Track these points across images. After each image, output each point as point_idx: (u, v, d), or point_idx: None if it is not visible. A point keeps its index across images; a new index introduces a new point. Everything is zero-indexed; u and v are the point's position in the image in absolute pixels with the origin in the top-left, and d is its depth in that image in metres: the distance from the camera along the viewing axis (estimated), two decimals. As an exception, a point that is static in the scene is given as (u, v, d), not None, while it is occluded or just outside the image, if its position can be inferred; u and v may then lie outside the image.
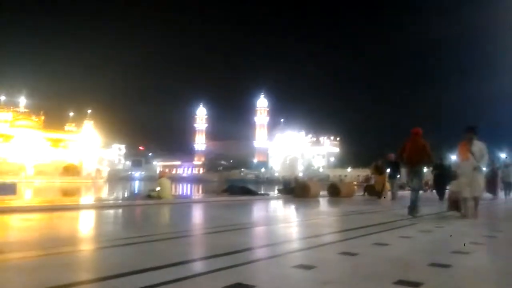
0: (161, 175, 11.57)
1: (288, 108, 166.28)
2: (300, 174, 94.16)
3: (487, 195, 16.03)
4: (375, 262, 3.51)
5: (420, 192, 8.71)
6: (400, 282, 2.78)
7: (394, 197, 14.20)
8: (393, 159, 14.45)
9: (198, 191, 34.35)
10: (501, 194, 16.76)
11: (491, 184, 16.20)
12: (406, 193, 12.06)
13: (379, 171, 15.10)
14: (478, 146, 7.44)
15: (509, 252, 4.19)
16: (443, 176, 15.04)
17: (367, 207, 10.88)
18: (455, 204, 7.84)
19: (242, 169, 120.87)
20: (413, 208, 7.59)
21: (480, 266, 3.46)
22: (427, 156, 7.71)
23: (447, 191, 12.51)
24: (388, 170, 14.63)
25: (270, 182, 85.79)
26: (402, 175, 13.38)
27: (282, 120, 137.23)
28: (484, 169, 18.90)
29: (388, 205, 11.48)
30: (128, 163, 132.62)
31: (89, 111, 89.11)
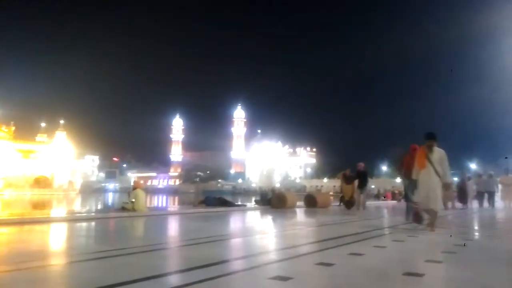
0: (136, 186, 11.35)
1: (265, 119, 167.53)
2: (277, 185, 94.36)
3: (458, 205, 16.51)
4: (350, 273, 3.54)
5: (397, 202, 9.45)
6: (375, 292, 2.81)
7: (362, 206, 14.08)
8: (362, 168, 14.44)
9: (174, 203, 33.89)
10: (475, 203, 17.26)
11: (461, 194, 16.71)
12: (376, 203, 12.18)
13: (347, 180, 14.91)
14: (438, 154, 6.88)
15: (480, 261, 4.30)
16: (414, 185, 15.38)
17: (342, 217, 10.98)
18: (416, 216, 7.51)
19: (219, 180, 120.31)
20: (418, 217, 7.67)
21: (452, 275, 3.54)
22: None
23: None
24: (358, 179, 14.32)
25: (247, 193, 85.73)
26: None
27: (259, 131, 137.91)
28: (455, 179, 19.32)
29: (363, 215, 11.61)
30: (102, 174, 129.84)
31: (61, 121, 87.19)
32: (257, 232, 7.65)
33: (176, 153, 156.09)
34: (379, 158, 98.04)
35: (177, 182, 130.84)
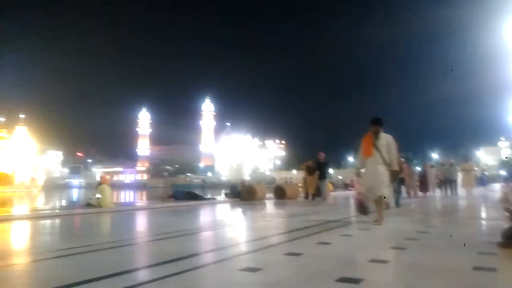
0: (102, 181, 11.10)
1: (234, 112, 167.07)
2: (247, 178, 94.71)
3: (420, 194, 17.13)
4: (318, 261, 3.62)
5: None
6: (342, 279, 2.89)
7: (324, 197, 14.08)
8: (322, 159, 14.46)
9: (142, 198, 33.35)
10: (437, 191, 17.82)
11: (423, 182, 17.30)
12: (345, 193, 12.40)
13: (310, 171, 14.92)
14: (385, 140, 6.39)
15: (441, 247, 4.49)
16: None
17: (310, 208, 11.16)
18: (360, 206, 6.78)
19: (188, 174, 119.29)
20: (362, 208, 7.91)
21: (415, 261, 3.68)
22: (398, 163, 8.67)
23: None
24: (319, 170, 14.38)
25: (216, 186, 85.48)
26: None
27: (228, 124, 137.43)
28: (418, 168, 19.80)
29: (330, 205, 11.85)
30: (66, 170, 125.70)
31: (21, 115, 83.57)
32: (226, 225, 7.66)
33: (143, 147, 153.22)
34: (346, 149, 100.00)
35: (145, 176, 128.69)
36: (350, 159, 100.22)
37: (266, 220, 8.52)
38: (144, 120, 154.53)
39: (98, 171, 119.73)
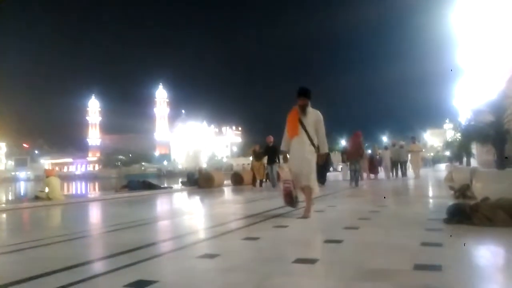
0: (49, 174, 10.60)
1: (189, 99, 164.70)
2: (204, 165, 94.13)
3: (371, 176, 17.83)
4: (275, 245, 3.68)
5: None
6: (299, 260, 2.95)
7: (273, 183, 13.11)
8: (271, 143, 13.27)
9: (94, 189, 32.27)
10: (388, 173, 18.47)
11: (372, 164, 17.97)
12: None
13: (257, 156, 14.15)
14: (313, 116, 5.38)
15: (390, 225, 4.71)
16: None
17: (268, 193, 11.30)
18: (288, 197, 5.58)
19: (143, 163, 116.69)
20: (289, 198, 8.14)
21: (367, 239, 3.84)
22: (361, 150, 11.87)
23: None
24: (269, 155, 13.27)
25: (173, 174, 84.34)
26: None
27: (183, 111, 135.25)
28: (369, 151, 20.25)
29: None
30: (11, 162, 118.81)
31: (-42, 105, 77.63)
32: (184, 213, 7.60)
33: (94, 136, 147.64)
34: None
35: (97, 167, 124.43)
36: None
37: (224, 206, 8.53)
38: (93, 108, 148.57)
39: (46, 163, 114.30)
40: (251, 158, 15.45)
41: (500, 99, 6.19)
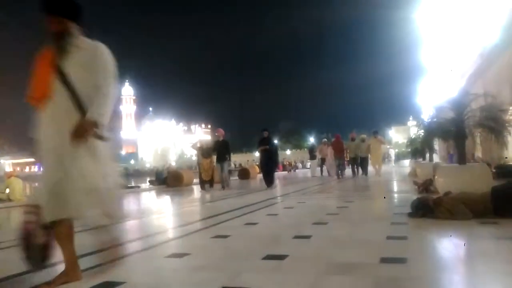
0: (9, 175, 10.18)
1: (157, 96, 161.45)
2: (173, 164, 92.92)
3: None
4: (245, 242, 3.67)
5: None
6: (268, 256, 2.96)
7: (224, 184, 11.68)
8: (222, 137, 11.98)
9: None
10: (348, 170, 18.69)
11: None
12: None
13: (204, 153, 12.38)
14: (86, 56, 2.53)
15: (357, 220, 4.81)
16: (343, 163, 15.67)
17: (238, 190, 11.29)
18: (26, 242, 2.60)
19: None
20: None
21: (334, 233, 3.90)
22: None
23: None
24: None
25: (140, 174, 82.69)
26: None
27: (150, 109, 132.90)
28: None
29: (257, 187, 12.07)
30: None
31: None
32: (152, 213, 7.47)
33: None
34: (271, 130, 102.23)
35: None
36: (275, 141, 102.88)
37: (193, 205, 8.45)
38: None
39: (7, 163, 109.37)
40: (195, 155, 13.67)
41: (460, 96, 6.44)
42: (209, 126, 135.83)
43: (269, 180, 11.43)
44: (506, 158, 9.35)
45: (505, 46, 11.13)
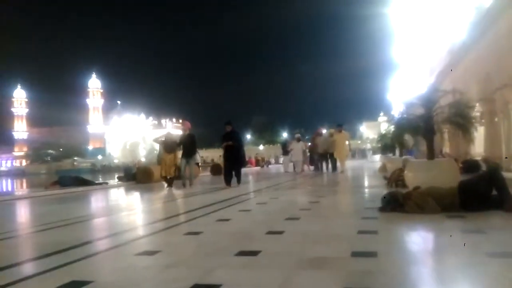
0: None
1: (125, 89, 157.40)
2: (142, 159, 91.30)
3: (310, 167, 18.27)
4: (218, 238, 3.63)
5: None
6: (241, 253, 2.93)
7: (186, 182, 10.74)
8: (188, 129, 11.33)
9: (21, 186, 30.06)
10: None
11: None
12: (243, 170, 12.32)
13: (168, 147, 11.37)
14: None
15: (329, 215, 4.86)
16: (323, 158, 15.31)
17: (210, 186, 11.20)
18: None
19: (75, 158, 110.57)
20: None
21: (307, 229, 3.91)
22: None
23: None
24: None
25: (109, 169, 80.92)
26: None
27: (119, 102, 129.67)
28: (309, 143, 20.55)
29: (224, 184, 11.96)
30: None
31: None
32: (121, 210, 7.28)
33: (20, 129, 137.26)
34: (244, 125, 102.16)
35: (24, 163, 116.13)
36: (248, 136, 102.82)
37: (164, 202, 8.30)
38: (19, 99, 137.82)
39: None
40: (158, 150, 12.23)
41: (429, 92, 6.61)
42: (180, 120, 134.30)
43: (237, 177, 10.48)
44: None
45: (473, 43, 11.50)
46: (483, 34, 10.47)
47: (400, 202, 4.38)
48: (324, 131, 18.25)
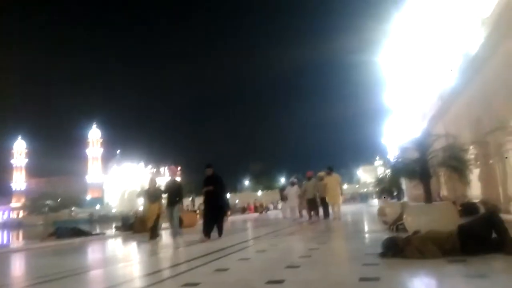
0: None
1: (125, 137, 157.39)
2: (140, 208, 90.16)
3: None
4: (217, 289, 3.55)
5: None
6: (241, 304, 2.87)
7: (174, 233, 9.98)
8: (174, 174, 11.17)
9: (17, 238, 29.42)
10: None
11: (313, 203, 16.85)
12: (242, 217, 12.35)
13: (151, 196, 10.55)
14: None
15: (330, 262, 4.78)
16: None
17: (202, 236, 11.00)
18: None
19: (73, 208, 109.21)
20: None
21: (307, 277, 3.84)
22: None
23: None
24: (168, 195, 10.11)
25: (106, 219, 79.66)
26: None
27: (118, 151, 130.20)
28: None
29: (227, 231, 11.82)
30: None
31: None
32: (118, 261, 7.14)
33: (19, 180, 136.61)
34: (242, 171, 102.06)
35: (22, 214, 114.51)
36: (246, 182, 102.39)
37: (162, 251, 8.15)
38: (19, 150, 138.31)
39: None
40: (142, 201, 11.88)
41: (423, 137, 6.72)
42: (179, 168, 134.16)
43: (218, 229, 9.29)
44: (506, 157, 9.00)
45: (462, 88, 11.81)
46: (471, 79, 10.78)
47: (400, 247, 4.33)
48: (322, 173, 17.57)
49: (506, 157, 9.16)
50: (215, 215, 9.32)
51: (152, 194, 10.49)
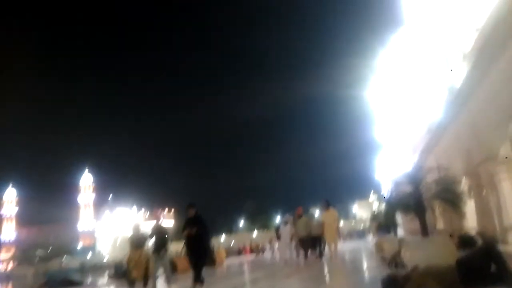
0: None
1: (117, 182, 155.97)
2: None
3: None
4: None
5: None
6: None
7: (168, 279, 9.19)
8: (157, 218, 10.45)
9: (6, 292, 28.31)
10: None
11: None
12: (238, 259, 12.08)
13: (134, 243, 9.69)
14: None
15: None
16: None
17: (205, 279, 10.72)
18: None
19: (64, 258, 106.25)
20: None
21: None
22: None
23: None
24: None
25: (99, 268, 77.39)
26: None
27: (110, 196, 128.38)
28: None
29: (224, 275, 11.56)
30: None
31: None
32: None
33: (9, 230, 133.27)
34: (236, 211, 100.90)
35: (11, 265, 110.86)
36: (241, 223, 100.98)
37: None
38: (10, 199, 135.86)
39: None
40: (127, 248, 10.40)
41: (415, 170, 6.78)
42: (173, 210, 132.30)
43: (195, 275, 8.45)
44: (506, 158, 8.70)
45: (450, 121, 12.03)
46: (458, 112, 11.01)
47: (401, 284, 4.27)
48: (320, 209, 16.47)
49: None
50: (196, 259, 8.51)
51: (134, 240, 9.69)
